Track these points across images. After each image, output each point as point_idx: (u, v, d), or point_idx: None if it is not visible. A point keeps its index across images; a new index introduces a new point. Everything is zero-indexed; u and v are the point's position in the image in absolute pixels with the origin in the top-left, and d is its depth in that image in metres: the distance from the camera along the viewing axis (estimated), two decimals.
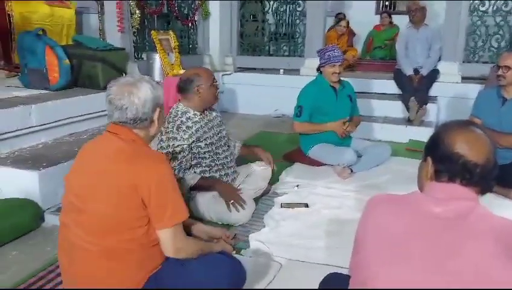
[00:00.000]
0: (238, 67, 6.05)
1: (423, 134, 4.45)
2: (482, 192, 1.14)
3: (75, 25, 5.06)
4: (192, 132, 2.52)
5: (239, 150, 2.96)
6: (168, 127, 2.51)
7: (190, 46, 5.68)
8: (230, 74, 5.86)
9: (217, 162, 2.67)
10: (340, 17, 6.81)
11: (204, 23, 5.78)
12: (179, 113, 2.56)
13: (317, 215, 2.66)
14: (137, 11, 4.34)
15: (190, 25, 5.56)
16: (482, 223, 1.05)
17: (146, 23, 4.78)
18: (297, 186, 3.11)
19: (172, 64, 4.54)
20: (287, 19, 5.95)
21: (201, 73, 2.61)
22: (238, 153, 2.95)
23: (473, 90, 4.68)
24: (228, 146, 2.82)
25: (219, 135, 2.71)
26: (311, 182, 3.19)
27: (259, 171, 2.92)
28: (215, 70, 5.79)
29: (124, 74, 4.07)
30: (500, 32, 4.98)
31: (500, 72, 3.12)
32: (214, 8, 5.79)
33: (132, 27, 4.43)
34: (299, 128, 3.58)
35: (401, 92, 4.86)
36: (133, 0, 4.29)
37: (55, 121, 3.26)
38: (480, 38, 5.06)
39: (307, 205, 2.79)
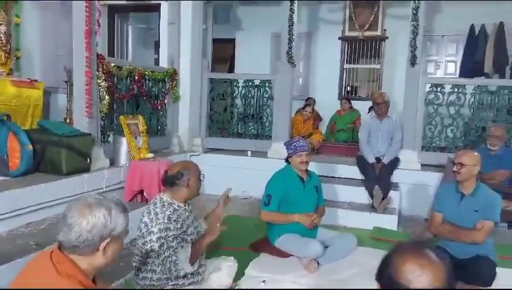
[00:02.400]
0: (207, 148, 6.10)
1: (387, 221, 4.55)
2: None
3: (42, 105, 5.03)
4: (182, 223, 2.52)
5: (204, 230, 2.88)
6: (158, 218, 2.46)
7: (159, 127, 5.72)
8: (198, 155, 5.89)
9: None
10: (309, 102, 7.12)
11: (174, 105, 5.89)
12: (166, 204, 2.54)
13: None
14: (106, 97, 4.37)
15: (160, 107, 5.64)
16: None
17: (115, 107, 4.81)
18: (263, 282, 3.02)
19: (139, 148, 4.52)
20: (254, 102, 6.15)
21: (190, 166, 2.68)
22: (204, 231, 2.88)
23: (432, 177, 4.90)
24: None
25: (197, 229, 2.71)
26: (278, 276, 3.11)
27: (224, 267, 2.84)
28: (183, 151, 5.83)
29: (88, 159, 4.01)
30: (455, 123, 5.31)
31: (455, 169, 3.27)
32: (184, 90, 5.94)
33: (101, 112, 4.44)
34: (266, 217, 3.57)
35: (364, 178, 4.99)
36: (103, 87, 4.33)
37: (12, 211, 3.10)
38: (436, 128, 5.37)
39: None
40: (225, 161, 5.72)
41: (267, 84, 6.03)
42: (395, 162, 5.03)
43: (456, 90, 5.26)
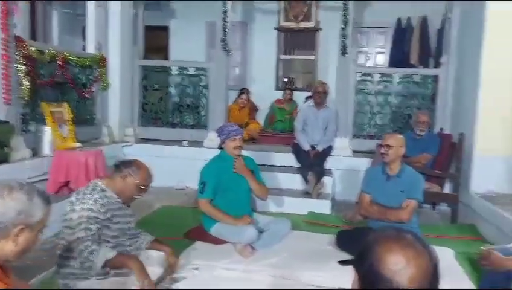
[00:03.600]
0: (140, 138, 5.89)
1: (321, 206, 4.66)
2: None
3: None
4: (108, 210, 2.38)
5: (146, 244, 2.76)
6: (84, 198, 2.33)
7: (87, 116, 5.42)
8: (131, 145, 5.67)
9: (119, 250, 2.45)
10: (242, 91, 7.10)
11: (103, 94, 5.61)
12: (98, 188, 2.42)
13: None
14: (26, 83, 4.05)
15: (88, 95, 5.34)
16: None
17: (38, 94, 4.47)
18: (196, 269, 2.96)
19: (64, 138, 4.25)
20: (190, 91, 6.03)
21: (142, 169, 2.52)
22: (145, 247, 2.75)
23: (363, 163, 5.08)
24: (137, 237, 2.66)
25: (128, 225, 2.57)
26: (212, 263, 3.06)
27: (155, 257, 2.73)
28: (114, 142, 5.58)
29: (5, 148, 3.70)
30: (383, 111, 5.55)
31: (383, 151, 3.40)
32: (114, 78, 5.67)
33: (21, 98, 4.11)
34: (204, 208, 3.50)
35: (299, 166, 5.07)
36: (22, 72, 4.00)
37: None
38: (367, 116, 5.58)
39: None
40: (160, 151, 5.55)
41: (202, 73, 5.93)
42: (328, 150, 5.16)
43: (384, 79, 5.50)
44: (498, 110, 4.33)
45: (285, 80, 8.21)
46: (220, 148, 3.62)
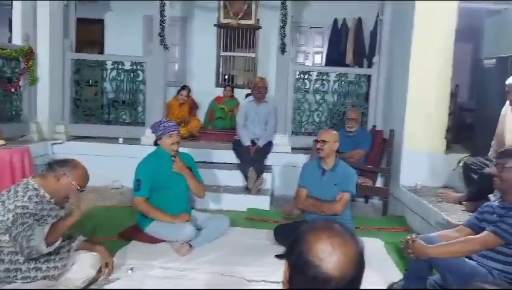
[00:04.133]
0: (72, 136, 5.60)
1: (260, 202, 4.70)
2: None
3: None
4: (43, 209, 2.30)
5: (78, 244, 2.62)
6: (16, 196, 2.22)
7: (13, 112, 5.06)
8: (61, 143, 5.37)
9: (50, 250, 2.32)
10: (183, 88, 6.98)
11: (31, 88, 5.26)
12: (30, 187, 2.31)
13: None
14: None
15: (13, 90, 4.99)
16: None
17: None
18: (131, 269, 2.87)
19: None
20: (126, 87, 5.83)
21: (78, 169, 2.43)
22: (76, 247, 2.61)
23: (301, 159, 5.19)
24: (69, 238, 2.54)
25: None
26: (148, 262, 2.99)
27: (87, 258, 2.61)
28: (43, 139, 5.26)
29: None
30: (320, 108, 5.70)
31: (318, 146, 3.50)
32: (43, 72, 5.34)
33: None
34: (139, 206, 3.39)
35: (239, 162, 5.09)
36: None
37: None
38: (305, 113, 5.71)
39: None
40: (94, 149, 5.31)
41: (139, 68, 5.75)
42: (269, 146, 5.22)
43: (321, 78, 5.65)
44: (424, 108, 4.60)
45: (226, 77, 8.20)
46: (156, 144, 3.53)
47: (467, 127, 5.59)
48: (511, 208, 2.32)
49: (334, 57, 7.44)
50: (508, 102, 3.60)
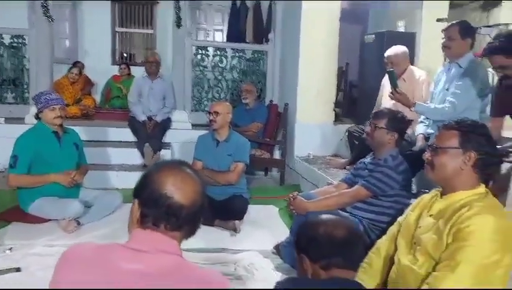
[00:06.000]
0: None
1: None
2: (187, 236, 1.13)
3: None
4: None
5: None
6: None
7: None
8: None
9: None
10: (75, 65, 6.55)
11: None
12: None
13: (31, 278, 2.33)
14: None
15: None
16: (184, 280, 1.02)
17: None
18: (9, 249, 2.67)
19: None
20: (7, 63, 5.30)
21: None
22: None
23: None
24: None
25: None
26: (29, 242, 2.80)
27: None
28: None
29: None
30: (219, 84, 5.74)
31: (211, 118, 3.53)
32: None
33: None
34: (15, 181, 3.16)
35: (136, 139, 4.94)
36: None
37: None
38: (204, 89, 5.70)
39: (18, 269, 2.41)
40: None
41: (21, 42, 5.26)
42: (167, 123, 5.13)
43: (219, 53, 5.67)
44: (314, 84, 4.85)
45: (125, 55, 7.87)
46: (37, 117, 3.29)
47: (355, 101, 6.03)
48: (378, 163, 2.56)
49: (235, 35, 7.47)
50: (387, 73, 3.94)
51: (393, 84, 3.06)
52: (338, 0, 4.78)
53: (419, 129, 3.17)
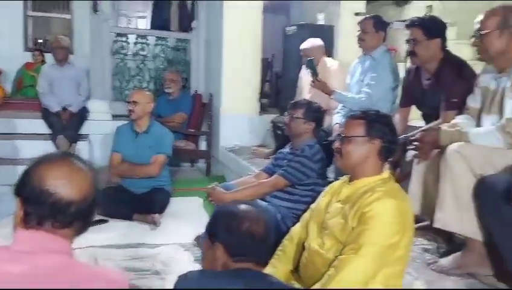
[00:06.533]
0: None
1: None
2: (79, 232, 1.06)
3: None
4: None
5: None
6: None
7: None
8: None
9: None
10: None
11: None
12: None
13: None
14: None
15: None
16: (73, 280, 0.96)
17: None
18: None
19: None
20: None
21: None
22: None
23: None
24: None
25: None
26: None
27: None
28: None
29: None
30: (141, 73, 5.54)
31: (130, 107, 3.40)
32: None
33: None
34: None
35: (51, 131, 4.63)
36: None
37: None
38: (124, 78, 5.47)
39: None
40: None
41: None
42: (83, 113, 4.85)
43: (141, 41, 5.47)
44: (239, 74, 4.83)
45: (40, 41, 7.27)
46: None
47: (280, 92, 6.13)
48: (296, 153, 2.61)
49: (159, 23, 7.23)
50: (304, 65, 4.04)
51: (314, 73, 3.16)
52: None
53: (336, 119, 3.29)
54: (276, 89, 6.41)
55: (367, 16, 3.25)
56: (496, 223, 1.70)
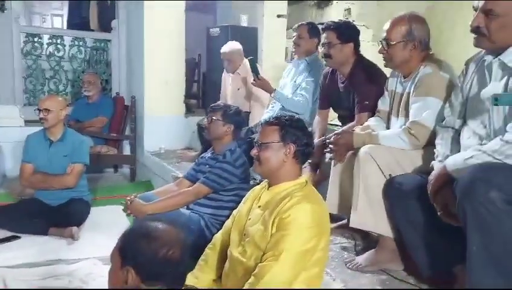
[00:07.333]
0: None
1: None
2: None
3: None
4: None
5: None
6: None
7: None
8: None
9: None
10: None
11: None
12: None
13: None
14: None
15: None
16: None
17: None
18: None
19: None
20: None
21: None
22: None
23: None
24: None
25: None
26: None
27: None
28: None
29: None
30: (57, 76, 5.19)
31: (41, 116, 3.17)
32: None
33: None
34: None
35: None
36: None
37: None
38: (39, 81, 5.10)
39: None
40: None
41: None
42: None
43: (56, 41, 5.12)
44: (161, 75, 4.68)
45: None
46: None
47: (206, 93, 6.06)
48: (217, 159, 2.58)
49: (77, 22, 6.83)
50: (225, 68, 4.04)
51: (255, 71, 3.20)
52: None
53: (265, 117, 3.31)
54: (203, 90, 6.33)
55: (303, 22, 3.32)
56: (403, 220, 1.80)
